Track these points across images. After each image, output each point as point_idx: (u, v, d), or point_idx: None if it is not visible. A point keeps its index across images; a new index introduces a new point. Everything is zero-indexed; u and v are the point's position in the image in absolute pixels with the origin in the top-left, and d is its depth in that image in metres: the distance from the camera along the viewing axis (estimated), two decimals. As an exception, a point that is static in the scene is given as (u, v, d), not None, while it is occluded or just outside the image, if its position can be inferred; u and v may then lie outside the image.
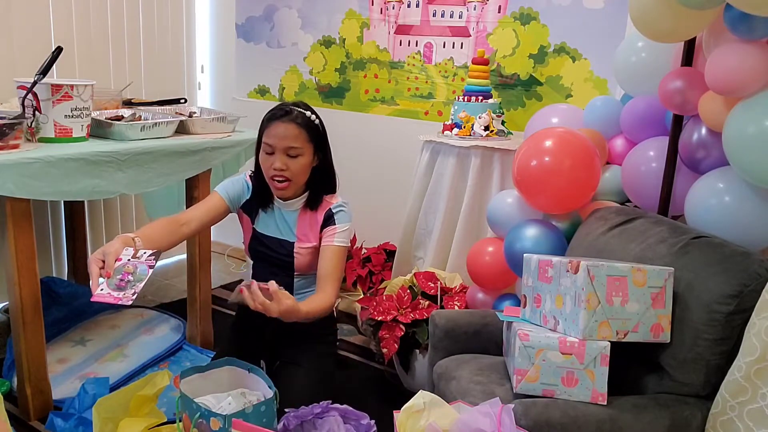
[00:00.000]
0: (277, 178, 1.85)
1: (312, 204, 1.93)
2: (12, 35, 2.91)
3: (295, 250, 1.92)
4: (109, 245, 1.60)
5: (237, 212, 2.02)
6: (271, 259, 1.97)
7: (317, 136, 1.88)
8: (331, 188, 1.97)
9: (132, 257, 1.60)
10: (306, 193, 1.94)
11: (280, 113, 1.84)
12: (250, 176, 1.99)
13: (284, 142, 1.82)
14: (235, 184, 1.98)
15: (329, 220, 1.90)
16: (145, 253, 1.61)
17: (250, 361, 1.78)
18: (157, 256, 1.61)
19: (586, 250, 1.91)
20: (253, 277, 2.01)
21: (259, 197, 1.96)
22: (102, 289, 1.54)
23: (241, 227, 2.05)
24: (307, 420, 1.58)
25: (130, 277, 1.56)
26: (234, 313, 2.18)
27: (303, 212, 1.94)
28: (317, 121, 1.89)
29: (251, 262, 2.06)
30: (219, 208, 1.94)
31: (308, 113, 1.87)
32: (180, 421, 1.57)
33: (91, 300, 1.53)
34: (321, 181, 1.94)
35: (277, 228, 1.96)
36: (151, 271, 1.57)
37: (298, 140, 1.82)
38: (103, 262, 1.56)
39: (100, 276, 1.55)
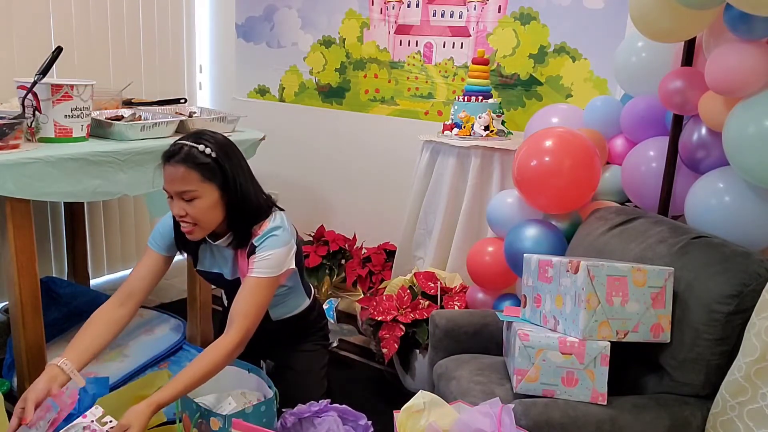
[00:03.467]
0: (181, 223, 1.67)
1: (240, 243, 1.72)
2: (12, 35, 2.91)
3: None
4: (31, 388, 1.48)
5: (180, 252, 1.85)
6: (228, 289, 1.85)
7: (216, 172, 1.63)
8: (255, 218, 1.71)
9: (98, 419, 1.44)
10: (229, 233, 1.72)
11: (167, 154, 1.64)
12: None
13: (174, 186, 1.63)
14: (163, 231, 1.81)
15: (251, 251, 1.69)
16: (111, 422, 1.45)
17: (251, 362, 1.78)
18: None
19: (586, 250, 1.91)
20: (227, 298, 1.92)
21: (183, 238, 1.75)
22: None
23: None
24: (305, 418, 1.58)
25: None
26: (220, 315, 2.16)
27: (235, 251, 1.75)
28: (214, 154, 1.63)
29: None
30: (157, 264, 1.78)
31: (202, 146, 1.62)
32: (180, 421, 1.57)
33: None
34: (237, 217, 1.69)
35: (219, 266, 1.82)
36: None
37: (188, 183, 1.61)
38: (23, 409, 1.44)
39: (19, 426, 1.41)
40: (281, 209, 1.81)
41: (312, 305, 1.98)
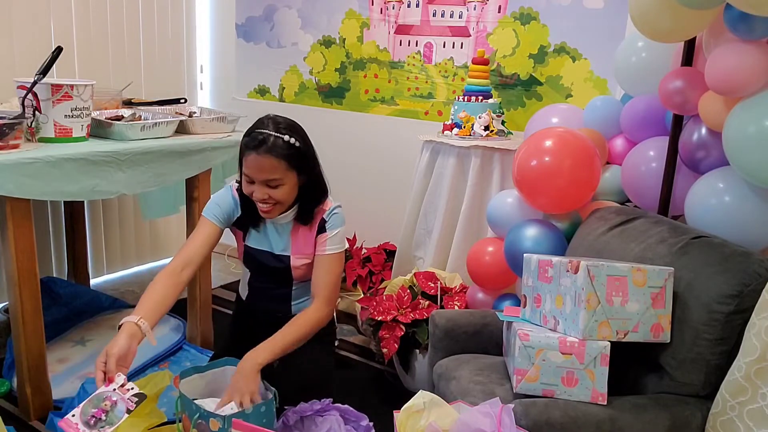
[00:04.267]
0: (261, 204, 1.77)
1: (304, 219, 1.85)
2: (12, 35, 2.91)
3: (292, 264, 1.87)
4: (113, 344, 1.53)
5: (229, 228, 1.95)
6: (267, 270, 1.93)
7: (299, 159, 1.75)
8: (322, 199, 1.87)
9: (120, 387, 1.51)
10: (295, 207, 1.85)
11: (253, 143, 1.71)
12: (237, 189, 1.89)
13: (261, 174, 1.71)
14: (222, 204, 1.87)
15: (323, 227, 1.84)
16: (132, 389, 1.51)
17: None
18: (141, 399, 1.51)
19: (586, 250, 1.91)
20: (249, 284, 1.99)
21: (248, 215, 1.88)
22: (74, 415, 1.46)
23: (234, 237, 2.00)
24: (307, 416, 1.58)
25: (104, 416, 1.47)
26: (231, 312, 2.18)
27: (296, 226, 1.87)
28: (298, 143, 1.74)
29: (247, 270, 2.01)
30: (213, 234, 1.85)
31: (286, 137, 1.71)
32: (180, 421, 1.57)
33: (59, 424, 1.45)
34: (310, 196, 1.83)
35: (270, 242, 1.90)
36: (126, 416, 1.48)
37: (276, 172, 1.71)
38: (105, 364, 1.51)
39: (104, 383, 1.50)
40: None
41: None
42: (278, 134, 1.71)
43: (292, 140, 1.72)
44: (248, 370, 1.60)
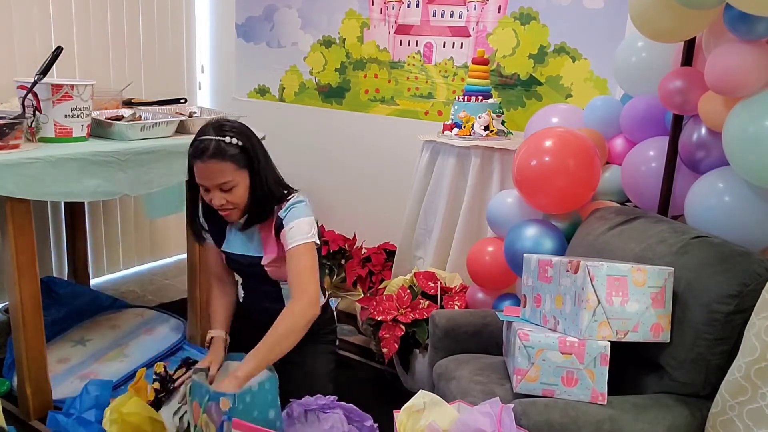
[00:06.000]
0: (221, 210, 1.78)
1: (257, 219, 1.82)
2: (12, 35, 2.91)
3: (263, 264, 1.86)
4: (214, 352, 1.84)
5: None
6: (248, 273, 1.93)
7: (246, 159, 1.74)
8: (278, 197, 1.82)
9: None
10: (249, 205, 1.81)
11: (197, 152, 1.70)
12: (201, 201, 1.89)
13: (213, 180, 1.71)
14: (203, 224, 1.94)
15: (279, 226, 1.79)
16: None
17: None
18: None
19: (586, 250, 1.91)
20: (243, 288, 2.00)
21: (214, 222, 1.89)
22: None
23: None
24: (311, 410, 1.58)
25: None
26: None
27: (261, 226, 1.85)
28: (241, 143, 1.72)
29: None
30: (216, 251, 1.95)
31: (228, 138, 1.70)
32: (193, 410, 1.58)
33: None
34: (261, 196, 1.79)
35: (242, 245, 1.89)
36: None
37: (225, 174, 1.71)
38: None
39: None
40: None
41: (325, 305, 2.02)
42: (220, 137, 1.71)
43: (234, 140, 1.71)
44: (230, 382, 1.59)
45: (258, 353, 1.63)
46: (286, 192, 1.84)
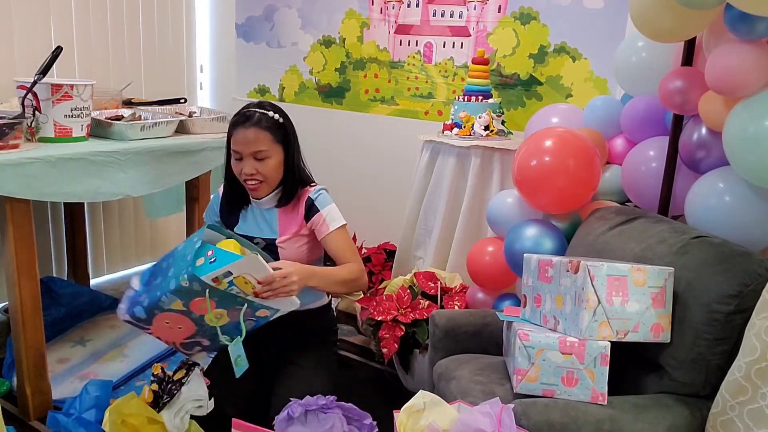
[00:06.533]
0: (249, 181, 1.86)
1: (287, 198, 1.92)
2: (12, 35, 2.91)
3: (278, 244, 1.92)
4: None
5: None
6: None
7: (284, 135, 1.87)
8: (305, 181, 1.96)
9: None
10: (279, 188, 1.92)
11: (242, 119, 1.84)
12: (223, 186, 2.00)
13: (249, 147, 1.82)
14: (215, 205, 2.03)
15: (311, 208, 1.90)
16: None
17: (253, 360, 1.79)
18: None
19: (586, 250, 1.91)
20: None
21: (235, 201, 1.98)
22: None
23: None
24: (311, 410, 1.58)
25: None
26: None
27: (282, 208, 1.94)
28: (282, 120, 1.88)
29: None
30: None
31: (271, 113, 1.86)
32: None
33: None
34: (293, 175, 1.92)
35: (258, 227, 1.96)
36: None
37: (263, 143, 1.82)
38: None
39: None
40: None
41: (328, 305, 2.05)
42: (264, 110, 1.85)
43: (277, 116, 1.86)
44: (304, 272, 1.70)
45: (325, 272, 1.82)
46: (310, 177, 1.97)
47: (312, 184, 1.95)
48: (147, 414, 1.71)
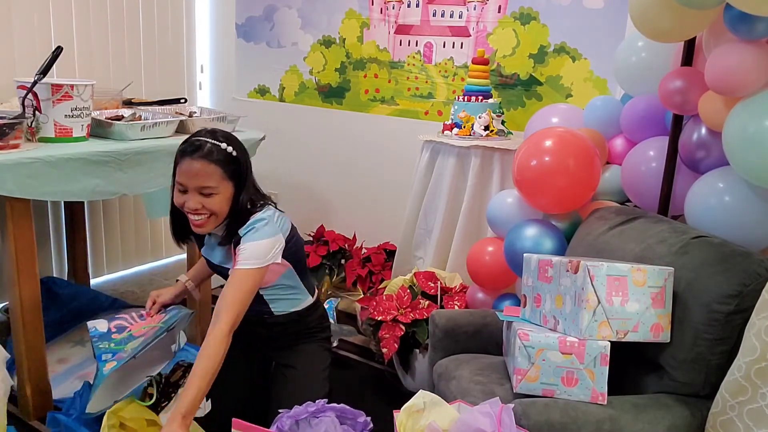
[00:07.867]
0: (193, 216, 1.70)
1: (230, 237, 1.75)
2: (12, 35, 2.91)
3: (229, 273, 1.75)
4: (164, 292, 1.98)
5: None
6: (226, 278, 1.86)
7: (235, 170, 1.69)
8: (247, 215, 1.74)
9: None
10: (225, 224, 1.75)
11: (190, 149, 1.66)
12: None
13: (195, 181, 1.65)
14: None
15: (237, 242, 1.71)
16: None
17: (246, 363, 1.79)
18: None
19: (586, 250, 1.91)
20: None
21: (179, 233, 1.86)
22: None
23: None
24: (302, 419, 1.57)
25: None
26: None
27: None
28: (235, 153, 1.69)
29: None
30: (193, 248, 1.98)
31: (223, 145, 1.67)
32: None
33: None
34: (239, 215, 1.73)
35: (214, 253, 1.86)
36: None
37: (211, 179, 1.65)
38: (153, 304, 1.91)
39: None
40: (281, 211, 1.84)
41: (315, 304, 1.99)
42: (216, 141, 1.67)
43: (230, 148, 1.68)
44: (175, 428, 1.49)
45: (193, 385, 1.54)
46: (252, 207, 1.76)
47: (255, 212, 1.74)
48: (146, 416, 1.71)
